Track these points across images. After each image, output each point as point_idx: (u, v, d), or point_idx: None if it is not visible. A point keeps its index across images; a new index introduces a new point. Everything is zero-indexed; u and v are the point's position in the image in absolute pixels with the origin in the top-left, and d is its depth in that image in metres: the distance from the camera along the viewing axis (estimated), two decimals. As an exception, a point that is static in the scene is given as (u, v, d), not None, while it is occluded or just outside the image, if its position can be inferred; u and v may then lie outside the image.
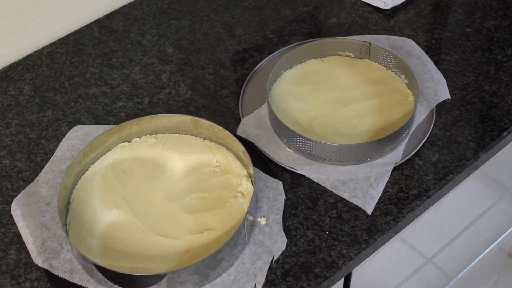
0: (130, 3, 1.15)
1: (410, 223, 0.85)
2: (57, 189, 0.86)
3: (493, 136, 0.90)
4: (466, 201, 1.11)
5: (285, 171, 0.87)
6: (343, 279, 0.88)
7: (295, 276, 0.77)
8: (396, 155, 0.87)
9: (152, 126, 0.90)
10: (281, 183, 0.85)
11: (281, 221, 0.81)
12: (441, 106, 0.94)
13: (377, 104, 0.93)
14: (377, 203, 0.83)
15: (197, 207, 0.83)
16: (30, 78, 1.04)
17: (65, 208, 0.83)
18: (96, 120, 0.96)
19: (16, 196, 0.86)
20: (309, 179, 0.86)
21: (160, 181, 0.86)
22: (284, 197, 0.84)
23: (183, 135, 0.91)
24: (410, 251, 1.08)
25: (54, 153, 0.91)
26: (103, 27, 1.11)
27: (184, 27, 1.10)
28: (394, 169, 0.87)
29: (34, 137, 0.95)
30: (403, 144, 0.89)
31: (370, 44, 0.98)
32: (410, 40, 1.03)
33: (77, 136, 0.93)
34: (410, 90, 0.94)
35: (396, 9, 1.10)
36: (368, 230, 0.81)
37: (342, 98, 0.95)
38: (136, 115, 0.96)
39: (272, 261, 0.78)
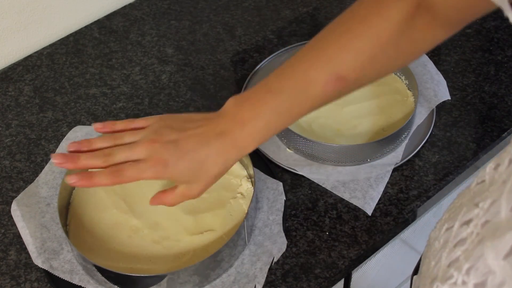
0: (130, 4, 1.15)
1: (410, 223, 0.85)
2: (57, 190, 0.86)
3: (493, 137, 0.90)
4: (466, 201, 1.11)
5: (285, 171, 0.87)
6: (343, 279, 0.88)
7: (295, 277, 0.77)
8: (396, 156, 0.87)
9: (152, 126, 0.89)
10: (281, 183, 0.85)
11: (281, 222, 0.81)
12: (441, 107, 0.94)
13: (377, 104, 0.93)
14: (377, 204, 0.83)
15: (197, 207, 0.83)
16: (30, 79, 1.04)
17: (65, 208, 0.82)
18: (96, 120, 0.96)
19: (16, 196, 0.86)
20: (309, 179, 0.86)
21: (160, 181, 0.86)
22: (284, 198, 0.84)
23: (183, 135, 0.91)
24: (410, 251, 1.08)
25: (54, 154, 0.91)
26: (103, 28, 1.11)
27: (184, 28, 1.10)
28: (394, 169, 0.87)
29: (34, 137, 0.95)
30: (403, 144, 0.89)
31: (370, 44, 0.97)
32: (410, 40, 1.03)
33: (77, 137, 0.93)
34: (410, 90, 0.94)
35: (396, 10, 1.10)
36: (368, 230, 0.81)
37: (342, 99, 0.94)
38: (136, 116, 0.96)
39: (272, 262, 0.78)
